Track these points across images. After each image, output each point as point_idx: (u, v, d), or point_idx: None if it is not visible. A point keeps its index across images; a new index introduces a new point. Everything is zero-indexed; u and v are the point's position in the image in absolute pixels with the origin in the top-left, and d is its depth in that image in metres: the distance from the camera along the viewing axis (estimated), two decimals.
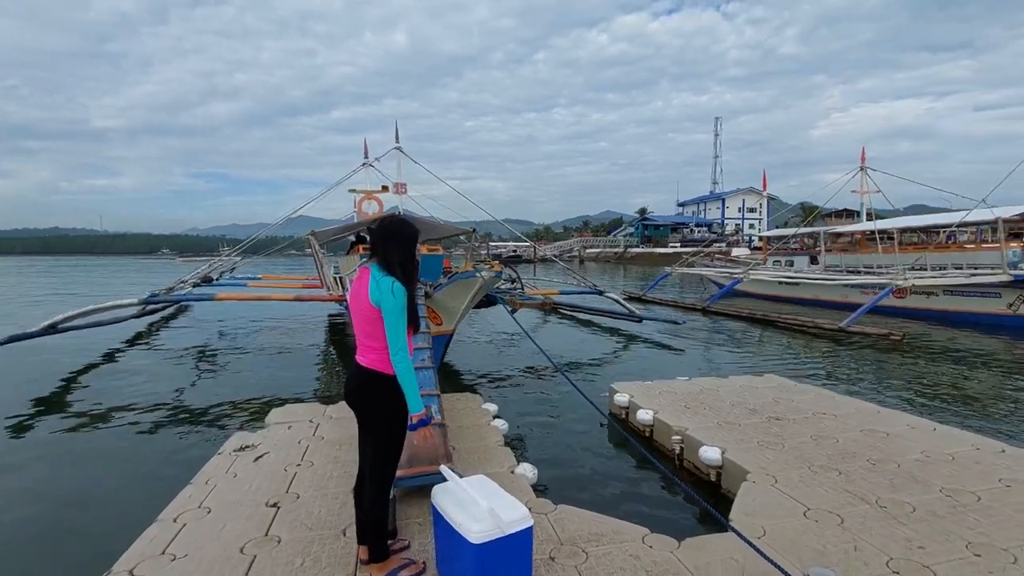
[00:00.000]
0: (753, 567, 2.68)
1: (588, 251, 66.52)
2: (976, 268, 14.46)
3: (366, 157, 15.95)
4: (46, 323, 8.70)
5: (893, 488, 3.62)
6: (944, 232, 17.54)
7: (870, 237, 18.26)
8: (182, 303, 14.11)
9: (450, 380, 7.99)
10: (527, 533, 2.36)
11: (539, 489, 3.94)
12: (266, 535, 3.07)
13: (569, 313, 15.11)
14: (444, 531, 2.48)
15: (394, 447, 2.71)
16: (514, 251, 54.95)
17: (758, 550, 2.45)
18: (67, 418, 6.27)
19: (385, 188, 14.19)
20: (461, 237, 16.28)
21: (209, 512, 3.37)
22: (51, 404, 6.83)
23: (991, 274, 13.17)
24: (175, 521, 3.25)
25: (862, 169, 19.14)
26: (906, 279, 13.76)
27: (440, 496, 2.54)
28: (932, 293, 14.36)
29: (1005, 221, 14.08)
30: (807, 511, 3.31)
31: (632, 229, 76.74)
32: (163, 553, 2.90)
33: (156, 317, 14.44)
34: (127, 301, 10.08)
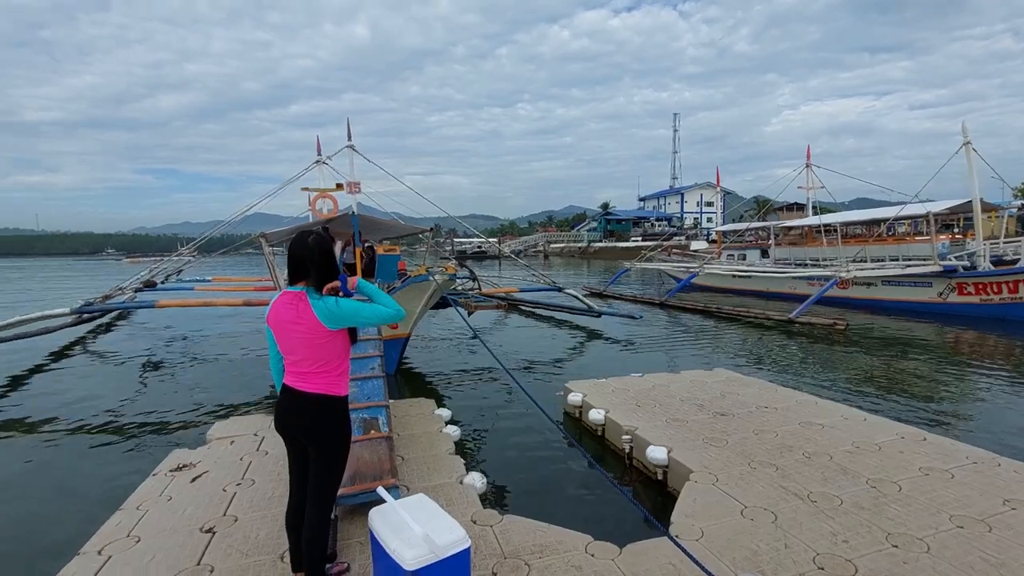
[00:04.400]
0: (690, 572, 2.75)
1: (552, 246, 66.99)
2: (910, 260, 15.29)
3: (319, 154, 15.54)
4: None
5: (824, 481, 3.78)
6: (883, 225, 18.46)
7: (817, 231, 19.04)
8: (122, 310, 13.45)
9: (406, 383, 7.90)
10: (464, 555, 2.35)
11: (488, 499, 3.94)
12: (198, 564, 2.96)
13: (530, 310, 15.18)
14: (380, 556, 2.44)
15: (342, 469, 2.69)
16: (479, 247, 54.83)
17: (691, 557, 2.52)
18: None
19: (339, 186, 13.86)
20: (420, 235, 16.09)
21: (138, 542, 3.22)
22: None
23: (923, 265, 13.95)
24: (99, 554, 3.09)
25: (808, 166, 19.91)
26: (848, 271, 14.45)
27: (376, 519, 2.49)
28: (872, 284, 15.11)
29: (935, 215, 14.93)
30: (744, 509, 3.42)
31: (595, 224, 77.68)
32: None
33: (93, 325, 13.73)
34: (57, 311, 9.49)
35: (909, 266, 14.35)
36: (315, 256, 2.46)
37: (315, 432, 2.53)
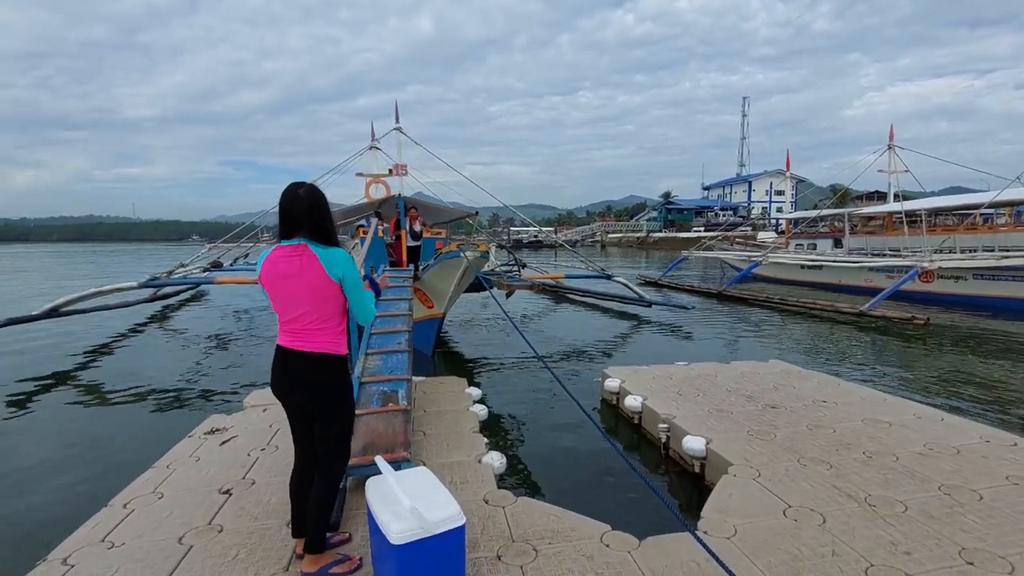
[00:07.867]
0: (714, 572, 2.46)
1: (610, 236, 65.66)
2: (1008, 250, 13.67)
3: (372, 139, 15.82)
4: (47, 306, 8.81)
5: (887, 484, 3.33)
6: (979, 213, 16.62)
7: (898, 218, 17.44)
8: (197, 286, 14.40)
9: (444, 363, 7.85)
10: (457, 534, 2.17)
11: (505, 479, 3.76)
12: (209, 524, 2.96)
13: (579, 299, 14.85)
14: (374, 528, 2.31)
15: (350, 432, 2.60)
16: (535, 236, 54.58)
17: (714, 555, 2.22)
18: (53, 399, 6.37)
19: (391, 171, 14.05)
20: (468, 221, 16.06)
21: (161, 498, 3.28)
22: (42, 384, 6.92)
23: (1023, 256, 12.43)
24: (125, 507, 3.17)
25: (890, 147, 18.21)
26: (932, 261, 13.09)
27: (371, 490, 2.37)
28: (960, 277, 13.63)
29: None
30: (787, 509, 3.05)
31: (655, 213, 75.35)
32: (102, 540, 2.82)
33: (172, 302, 14.67)
34: (127, 284, 10.20)
35: (1007, 257, 12.82)
36: (306, 207, 2.29)
37: (319, 393, 2.39)
